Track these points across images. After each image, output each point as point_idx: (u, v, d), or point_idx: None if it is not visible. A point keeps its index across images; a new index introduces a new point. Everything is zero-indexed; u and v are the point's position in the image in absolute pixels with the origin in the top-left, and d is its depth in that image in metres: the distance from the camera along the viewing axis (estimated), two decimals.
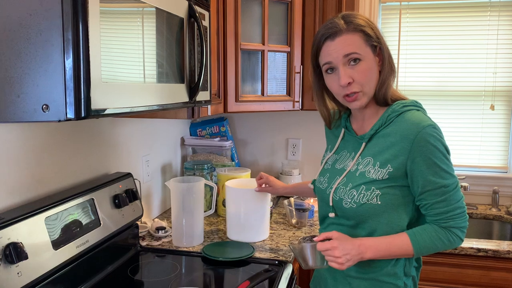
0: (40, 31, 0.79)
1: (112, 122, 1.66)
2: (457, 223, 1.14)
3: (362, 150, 1.20)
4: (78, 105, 0.80)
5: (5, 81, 0.82)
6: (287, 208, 1.97)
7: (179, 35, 1.21)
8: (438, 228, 1.14)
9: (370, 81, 1.16)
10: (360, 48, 1.14)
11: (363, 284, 1.20)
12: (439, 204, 1.12)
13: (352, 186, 1.18)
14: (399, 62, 2.41)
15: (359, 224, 1.19)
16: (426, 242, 1.14)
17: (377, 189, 1.14)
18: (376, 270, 1.19)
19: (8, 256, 1.01)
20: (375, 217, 1.16)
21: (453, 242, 1.15)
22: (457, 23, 2.35)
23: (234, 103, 1.94)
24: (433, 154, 1.11)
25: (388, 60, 1.17)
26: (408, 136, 1.11)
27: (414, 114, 1.16)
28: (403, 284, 1.19)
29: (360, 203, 1.15)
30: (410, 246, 1.13)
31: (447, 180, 1.12)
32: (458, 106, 2.40)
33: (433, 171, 1.11)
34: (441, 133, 1.14)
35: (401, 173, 1.13)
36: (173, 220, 1.69)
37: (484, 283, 1.82)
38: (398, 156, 1.13)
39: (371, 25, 1.16)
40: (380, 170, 1.14)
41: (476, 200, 2.39)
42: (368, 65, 1.15)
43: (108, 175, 1.59)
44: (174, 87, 1.19)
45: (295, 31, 2.09)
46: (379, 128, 1.18)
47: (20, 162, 1.22)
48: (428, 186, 1.12)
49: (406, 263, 1.20)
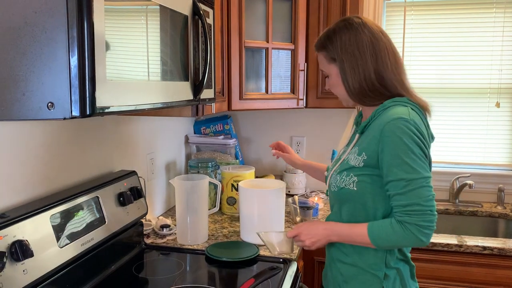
0: (45, 29, 0.79)
1: (116, 120, 1.67)
2: (413, 220, 1.12)
3: (356, 141, 1.29)
4: (83, 103, 0.80)
5: (10, 79, 0.82)
6: (291, 206, 1.97)
7: (183, 33, 1.21)
8: (394, 222, 1.16)
9: (338, 92, 1.30)
10: (324, 66, 1.31)
11: (350, 270, 1.28)
12: (398, 196, 1.14)
13: (337, 172, 1.29)
14: (403, 60, 2.40)
15: (341, 208, 1.29)
16: (381, 234, 1.17)
17: (355, 176, 1.22)
18: (360, 259, 1.25)
19: (14, 253, 1.02)
20: (352, 202, 1.24)
21: (409, 239, 1.14)
22: (462, 20, 2.34)
23: (238, 101, 1.94)
24: (398, 146, 1.13)
25: (354, 70, 1.22)
26: (380, 127, 1.17)
27: (395, 108, 1.19)
28: (383, 275, 1.22)
29: (340, 187, 1.26)
30: (367, 235, 1.18)
31: (409, 174, 1.12)
32: (463, 103, 2.39)
33: (396, 162, 1.14)
34: (415, 128, 1.14)
35: (374, 162, 1.18)
36: (178, 218, 1.69)
37: (490, 281, 1.81)
38: (371, 145, 1.19)
39: (336, 39, 1.24)
40: (357, 158, 1.22)
41: (481, 198, 2.38)
42: (332, 81, 1.30)
43: (113, 173, 1.59)
44: (178, 85, 1.19)
45: (299, 29, 2.08)
46: (369, 121, 1.25)
47: (25, 160, 1.23)
48: (390, 177, 1.15)
49: (386, 255, 1.23)
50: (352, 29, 1.23)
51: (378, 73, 1.21)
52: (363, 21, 1.24)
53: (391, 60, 1.23)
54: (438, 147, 2.44)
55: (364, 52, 1.21)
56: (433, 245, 1.83)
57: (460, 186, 2.32)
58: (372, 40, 1.22)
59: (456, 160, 2.43)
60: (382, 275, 1.23)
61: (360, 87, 1.22)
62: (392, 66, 1.23)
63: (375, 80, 1.21)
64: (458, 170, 2.40)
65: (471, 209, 2.28)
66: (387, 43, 1.24)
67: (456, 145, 2.43)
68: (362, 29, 1.23)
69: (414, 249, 1.83)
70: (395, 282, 1.23)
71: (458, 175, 2.34)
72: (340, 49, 1.23)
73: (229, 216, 2.04)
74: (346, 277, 1.29)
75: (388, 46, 1.24)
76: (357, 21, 1.24)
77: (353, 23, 1.24)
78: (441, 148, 2.44)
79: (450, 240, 1.84)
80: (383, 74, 1.21)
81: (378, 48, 1.22)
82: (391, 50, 1.24)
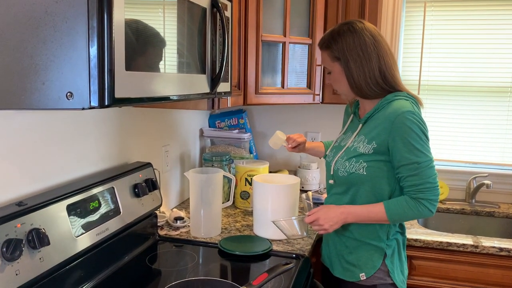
0: (66, 18, 0.79)
1: (133, 112, 1.67)
2: (426, 196, 1.33)
3: (359, 130, 1.45)
4: (102, 93, 0.80)
5: (31, 68, 0.83)
6: (305, 202, 1.96)
7: (201, 26, 1.20)
8: (409, 199, 1.35)
9: (339, 87, 1.47)
10: (327, 64, 1.46)
11: (354, 243, 1.46)
12: (412, 177, 1.33)
13: (346, 159, 1.43)
14: (422, 57, 2.36)
15: (347, 190, 1.44)
16: (398, 210, 1.35)
17: (364, 162, 1.39)
18: (364, 232, 1.43)
19: (31, 241, 1.03)
20: (361, 185, 1.41)
21: (422, 212, 1.35)
22: (484, 16, 2.29)
23: (254, 95, 1.93)
24: (409, 135, 1.32)
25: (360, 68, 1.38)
26: (390, 119, 1.34)
27: (399, 102, 1.36)
28: (385, 246, 1.42)
29: (350, 172, 1.41)
30: (384, 213, 1.36)
31: (420, 158, 1.32)
32: (482, 102, 2.34)
33: (408, 149, 1.32)
34: (419, 119, 1.34)
35: (384, 149, 1.36)
36: (192, 211, 1.70)
37: (506, 283, 1.78)
38: (381, 134, 1.36)
39: (341, 41, 1.39)
40: (367, 146, 1.39)
41: (499, 199, 2.34)
42: (334, 76, 1.45)
43: (128, 164, 1.60)
44: (195, 77, 1.19)
45: (317, 23, 2.06)
46: (373, 113, 1.42)
47: (43, 150, 1.24)
48: (403, 161, 1.33)
49: (388, 229, 1.43)
50: (356, 32, 1.39)
51: (380, 71, 1.38)
52: (364, 25, 1.41)
53: (390, 59, 1.40)
54: (456, 146, 2.40)
55: (368, 52, 1.38)
56: (448, 244, 1.80)
57: (477, 186, 2.28)
58: (374, 42, 1.39)
59: (474, 159, 2.39)
60: (384, 245, 1.42)
61: (366, 83, 1.39)
62: (391, 64, 1.40)
63: (378, 77, 1.39)
64: (476, 169, 2.36)
65: (488, 210, 2.24)
66: (386, 44, 1.42)
67: (474, 144, 2.39)
68: (365, 32, 1.39)
69: (428, 248, 1.82)
70: (394, 251, 1.44)
71: (475, 175, 2.30)
72: (345, 50, 1.39)
73: (242, 210, 2.04)
74: (350, 248, 1.46)
75: (386, 47, 1.42)
76: (359, 25, 1.41)
77: (356, 27, 1.40)
78: (458, 147, 2.40)
79: (466, 241, 1.81)
80: (384, 71, 1.39)
81: (380, 49, 1.39)
82: (389, 51, 1.42)
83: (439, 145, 2.41)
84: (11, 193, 1.14)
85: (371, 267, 1.43)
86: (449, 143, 2.41)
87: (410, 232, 1.90)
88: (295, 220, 1.50)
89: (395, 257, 1.44)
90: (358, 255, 1.45)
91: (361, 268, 1.44)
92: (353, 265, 1.45)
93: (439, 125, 2.41)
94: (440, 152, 2.41)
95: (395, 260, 1.44)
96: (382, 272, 1.42)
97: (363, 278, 1.43)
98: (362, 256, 1.44)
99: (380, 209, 1.36)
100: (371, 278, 1.43)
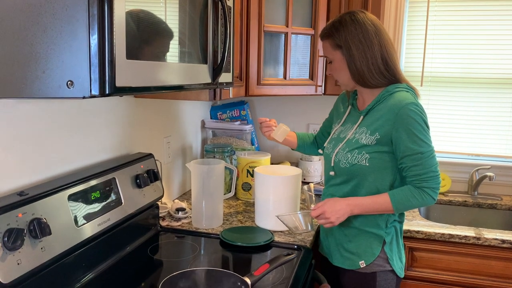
0: (66, 6, 0.78)
1: (134, 102, 1.67)
2: (429, 184, 1.37)
3: (360, 122, 1.46)
4: (102, 82, 0.80)
5: (31, 56, 0.82)
6: (306, 193, 1.95)
7: (202, 15, 1.19)
8: (413, 188, 1.38)
9: (339, 76, 1.47)
10: (328, 53, 1.47)
11: (353, 232, 1.47)
12: (415, 167, 1.36)
13: (348, 150, 1.45)
14: (425, 49, 2.34)
15: (349, 181, 1.46)
16: (402, 200, 1.38)
17: (367, 153, 1.40)
18: (364, 221, 1.45)
19: (33, 231, 1.03)
20: (363, 176, 1.42)
21: (426, 200, 1.38)
22: (487, 8, 2.26)
23: (256, 86, 1.92)
24: (412, 126, 1.34)
25: (362, 55, 1.38)
26: (393, 110, 1.36)
27: (401, 94, 1.39)
28: (384, 233, 1.45)
29: (352, 164, 1.43)
30: (390, 203, 1.38)
31: (423, 148, 1.35)
32: (485, 94, 2.33)
33: (412, 139, 1.34)
34: (422, 110, 1.37)
35: (386, 140, 1.38)
36: (193, 202, 1.69)
37: (508, 275, 1.78)
38: (384, 126, 1.38)
39: (343, 29, 1.40)
40: (370, 137, 1.40)
41: (502, 191, 2.33)
42: (335, 66, 1.46)
43: (130, 155, 1.59)
44: (197, 67, 1.18)
45: (320, 13, 2.04)
46: (375, 105, 1.43)
47: (44, 139, 1.24)
48: (407, 152, 1.36)
49: (387, 218, 1.45)
50: (358, 21, 1.40)
51: (383, 58, 1.40)
52: (366, 15, 1.42)
53: (391, 48, 1.42)
54: (458, 138, 2.39)
55: (370, 39, 1.39)
56: (450, 236, 1.80)
57: (479, 178, 2.27)
58: (375, 31, 1.40)
59: (476, 151, 2.38)
60: (383, 233, 1.45)
61: (368, 70, 1.39)
62: (392, 53, 1.42)
63: (381, 64, 1.40)
64: (478, 162, 2.35)
65: (490, 202, 2.24)
66: (387, 34, 1.43)
67: (477, 136, 2.37)
68: (366, 21, 1.40)
69: (431, 240, 1.82)
70: (392, 238, 1.47)
71: (478, 167, 2.29)
72: (347, 37, 1.39)
73: (243, 202, 2.04)
74: (350, 237, 1.48)
75: (387, 36, 1.43)
76: (361, 15, 1.42)
77: (357, 17, 1.41)
78: (461, 139, 2.39)
79: (468, 233, 1.81)
80: (387, 59, 1.40)
81: (381, 37, 1.40)
82: (390, 40, 1.43)
83: (441, 137, 2.40)
84: (12, 183, 1.14)
85: (370, 254, 1.45)
86: (451, 135, 2.40)
87: (412, 224, 1.90)
88: (300, 214, 1.49)
89: (393, 244, 1.47)
90: (358, 243, 1.47)
91: (360, 256, 1.46)
92: (353, 253, 1.47)
93: (442, 117, 2.39)
94: (443, 144, 2.40)
95: (394, 247, 1.47)
96: (381, 259, 1.45)
97: (362, 265, 1.46)
98: (362, 244, 1.46)
99: (385, 200, 1.38)
100: (370, 266, 1.45)
